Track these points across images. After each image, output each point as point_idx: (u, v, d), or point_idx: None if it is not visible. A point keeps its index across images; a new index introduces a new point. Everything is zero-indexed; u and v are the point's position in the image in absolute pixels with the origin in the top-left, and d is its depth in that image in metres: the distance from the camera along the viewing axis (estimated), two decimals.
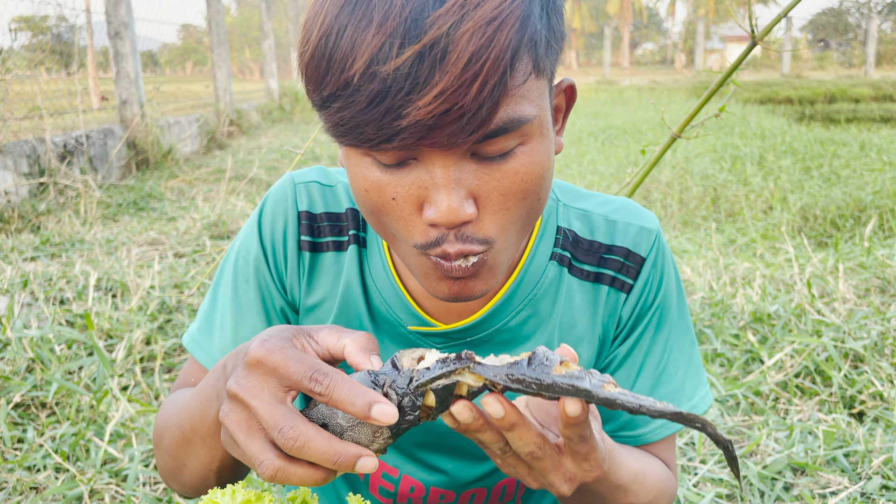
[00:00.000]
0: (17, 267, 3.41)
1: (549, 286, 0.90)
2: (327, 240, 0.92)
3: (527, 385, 0.61)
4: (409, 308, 0.89)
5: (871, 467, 1.89)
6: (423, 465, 0.99)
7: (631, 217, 0.93)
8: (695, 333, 2.67)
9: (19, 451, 2.10)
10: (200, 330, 0.95)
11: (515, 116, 0.65)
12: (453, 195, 0.66)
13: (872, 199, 5.34)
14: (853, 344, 2.42)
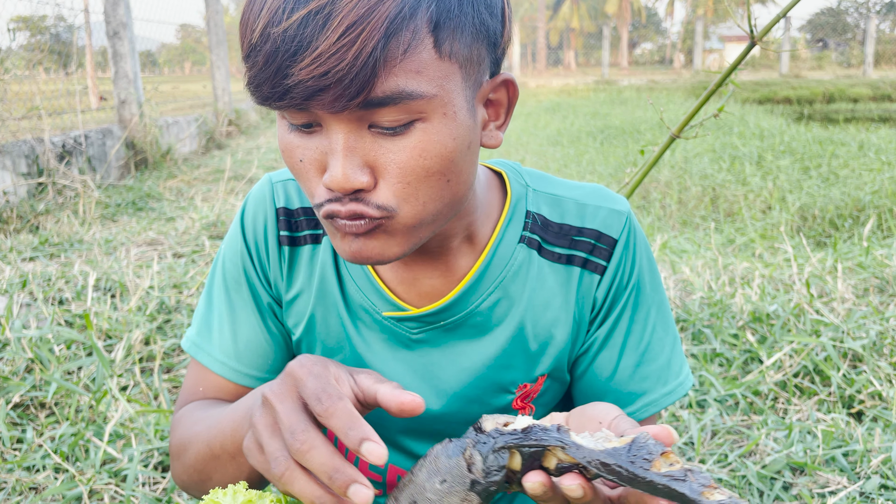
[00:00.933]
0: (15, 267, 3.40)
1: (518, 269, 0.91)
2: (305, 233, 0.95)
3: (620, 476, 0.59)
4: (383, 294, 0.91)
5: (870, 467, 1.90)
6: (409, 454, 1.00)
7: (601, 200, 0.94)
8: (694, 334, 2.68)
9: (18, 452, 2.10)
10: (200, 334, 0.98)
11: (404, 89, 0.67)
12: (346, 162, 0.70)
13: (871, 199, 5.35)
14: (852, 344, 2.42)
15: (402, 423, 0.98)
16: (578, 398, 0.99)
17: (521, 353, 0.94)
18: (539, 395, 0.97)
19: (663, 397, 0.94)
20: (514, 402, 0.97)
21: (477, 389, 0.95)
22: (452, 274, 0.91)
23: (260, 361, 0.97)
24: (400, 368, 0.94)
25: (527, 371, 0.95)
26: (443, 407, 0.95)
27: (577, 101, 16.33)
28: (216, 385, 0.97)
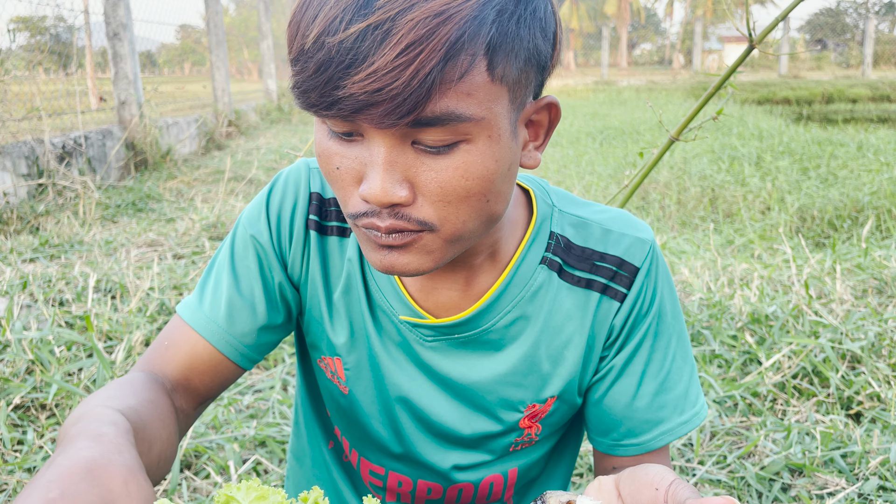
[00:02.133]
0: (16, 268, 3.41)
1: (537, 289, 0.92)
2: (333, 224, 0.94)
3: None
4: (403, 299, 0.91)
5: (869, 468, 1.90)
6: (411, 461, 1.00)
7: (626, 227, 0.94)
8: (693, 335, 2.69)
9: (19, 454, 2.10)
10: (192, 296, 0.96)
11: (454, 111, 0.67)
12: (386, 175, 0.69)
13: (870, 200, 5.36)
14: (850, 345, 2.43)
15: (418, 431, 0.98)
16: (594, 423, 0.99)
17: (532, 373, 0.94)
18: (547, 416, 0.98)
19: (679, 426, 0.95)
20: (522, 420, 0.97)
21: (485, 402, 0.96)
22: (472, 289, 0.91)
23: (245, 330, 0.93)
24: (411, 370, 0.95)
25: (536, 391, 0.95)
26: (451, 412, 0.96)
27: (576, 101, 16.34)
28: (186, 346, 0.92)
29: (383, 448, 1.01)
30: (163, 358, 0.91)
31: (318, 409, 1.09)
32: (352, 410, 1.00)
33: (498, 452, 1.01)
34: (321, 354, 0.99)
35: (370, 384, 0.97)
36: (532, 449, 1.03)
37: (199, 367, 0.92)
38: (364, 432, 1.01)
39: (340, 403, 1.01)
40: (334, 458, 1.09)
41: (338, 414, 1.04)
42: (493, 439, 0.99)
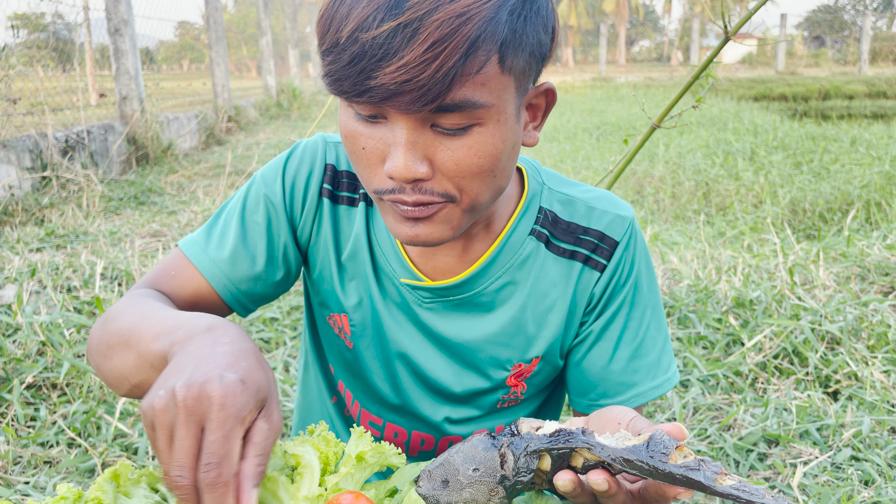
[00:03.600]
0: (23, 257, 3.50)
1: (526, 258, 1.01)
2: (344, 194, 1.04)
3: (642, 470, 0.66)
4: (404, 263, 1.01)
5: (842, 440, 2.00)
6: (408, 413, 1.10)
7: (608, 205, 1.03)
8: (679, 318, 2.78)
9: (32, 429, 2.20)
10: (198, 235, 1.04)
11: (470, 99, 0.76)
12: (408, 154, 0.78)
13: (860, 193, 5.45)
14: (830, 327, 2.53)
15: (414, 385, 1.08)
16: (573, 385, 1.08)
17: (519, 334, 1.03)
18: (532, 376, 1.07)
19: (651, 390, 1.04)
20: (509, 378, 1.07)
21: (476, 360, 1.05)
22: (467, 255, 1.01)
23: (243, 278, 1.01)
24: (410, 329, 1.05)
25: (522, 351, 1.04)
26: (445, 369, 1.06)
27: (574, 97, 16.43)
28: (191, 282, 1.00)
29: (382, 400, 1.11)
30: (170, 285, 1.00)
31: (323, 367, 1.19)
32: (356, 364, 1.10)
33: (486, 408, 1.10)
34: (330, 312, 1.09)
35: (373, 341, 1.07)
36: (517, 408, 1.12)
37: (200, 302, 1.01)
38: (366, 385, 1.11)
39: (346, 358, 1.11)
40: (337, 412, 1.19)
41: (342, 368, 1.13)
42: (482, 395, 1.08)
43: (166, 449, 0.66)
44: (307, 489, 0.73)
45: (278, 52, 14.70)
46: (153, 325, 0.81)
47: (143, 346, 0.80)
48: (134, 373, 0.83)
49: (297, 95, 13.23)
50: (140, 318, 0.84)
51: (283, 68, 17.05)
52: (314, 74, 20.32)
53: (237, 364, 0.69)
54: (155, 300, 0.92)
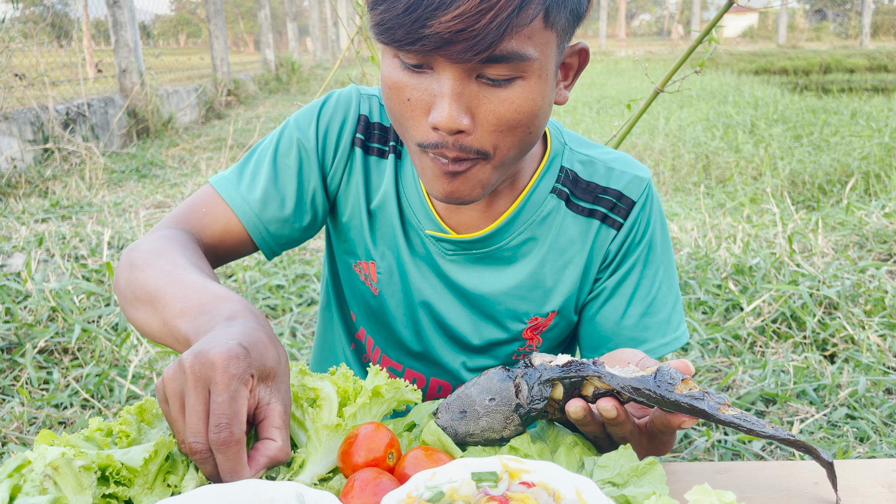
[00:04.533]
0: (30, 227, 3.53)
1: (547, 215, 1.05)
2: (375, 146, 1.07)
3: (650, 398, 0.70)
4: (430, 215, 1.04)
5: (838, 399, 2.05)
6: (427, 360, 1.14)
7: (627, 166, 1.07)
8: (680, 285, 2.82)
9: (46, 391, 2.25)
10: (230, 173, 1.06)
11: (518, 51, 0.79)
12: (454, 105, 0.80)
13: (859, 165, 5.47)
14: (827, 291, 2.57)
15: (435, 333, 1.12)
16: (586, 340, 1.12)
17: (537, 288, 1.07)
18: (548, 330, 1.11)
19: (661, 347, 1.07)
20: (525, 331, 1.10)
21: (494, 312, 1.09)
22: (491, 210, 1.04)
23: (274, 219, 1.03)
24: (433, 280, 1.08)
25: (539, 305, 1.08)
26: (465, 319, 1.09)
27: None
28: (222, 219, 1.02)
29: (403, 347, 1.15)
30: (200, 223, 1.03)
31: (343, 315, 1.23)
32: (380, 311, 1.14)
33: (501, 359, 1.14)
34: (357, 259, 1.12)
35: (397, 289, 1.11)
36: None
37: (229, 240, 1.04)
38: (389, 331, 1.15)
39: (370, 304, 1.15)
40: (355, 358, 1.23)
41: (365, 315, 1.17)
42: (499, 346, 1.12)
43: (179, 417, 0.69)
44: (327, 417, 0.76)
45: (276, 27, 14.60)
46: (179, 295, 0.83)
47: (167, 317, 0.82)
48: (159, 336, 0.87)
49: (296, 69, 13.17)
50: (167, 282, 0.86)
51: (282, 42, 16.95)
52: (312, 49, 20.17)
53: (244, 336, 0.72)
54: (182, 251, 0.93)
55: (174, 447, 0.71)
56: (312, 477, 0.73)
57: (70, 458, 0.63)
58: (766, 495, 0.76)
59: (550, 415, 0.76)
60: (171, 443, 0.71)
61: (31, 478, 0.62)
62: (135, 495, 0.67)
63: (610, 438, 0.78)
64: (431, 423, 0.78)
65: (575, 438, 0.78)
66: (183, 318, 0.80)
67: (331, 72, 2.57)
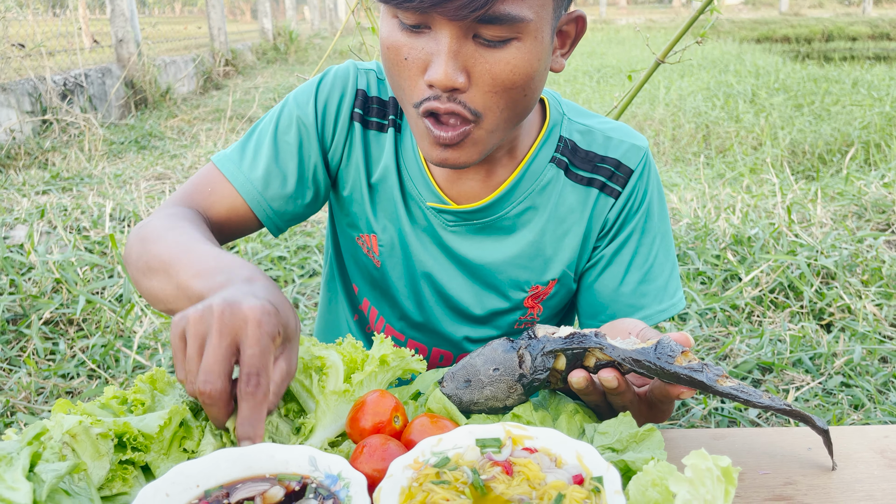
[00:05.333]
0: (31, 199, 3.54)
1: (546, 184, 1.06)
2: (373, 119, 1.08)
3: (650, 370, 0.71)
4: (431, 187, 1.06)
5: (834, 367, 2.08)
6: (431, 332, 1.16)
7: (625, 136, 1.08)
8: (679, 256, 2.84)
9: (52, 362, 2.27)
10: (232, 152, 1.08)
11: (514, 13, 0.80)
12: (450, 63, 0.82)
13: (859, 134, 5.46)
14: (825, 261, 2.59)
15: (437, 304, 1.14)
16: (585, 307, 1.13)
17: (537, 257, 1.08)
18: (548, 298, 1.13)
19: (658, 313, 1.09)
20: (526, 300, 1.12)
21: (496, 281, 1.10)
22: (491, 180, 1.05)
23: (277, 196, 1.05)
24: (435, 251, 1.10)
25: (539, 274, 1.10)
26: (467, 290, 1.11)
27: None
28: (227, 199, 1.05)
29: (406, 317, 1.17)
30: (206, 202, 1.05)
31: (346, 287, 1.25)
32: (383, 282, 1.16)
33: (503, 328, 1.16)
34: (359, 233, 1.14)
35: (399, 261, 1.12)
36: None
37: (235, 219, 1.06)
38: (392, 302, 1.17)
39: (374, 276, 1.17)
40: (359, 329, 1.25)
41: (369, 287, 1.19)
42: (500, 316, 1.14)
43: (195, 357, 0.68)
44: (334, 384, 0.79)
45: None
46: (194, 261, 0.84)
47: (182, 280, 0.83)
48: (171, 300, 0.87)
49: (294, 39, 13.04)
50: (182, 251, 0.87)
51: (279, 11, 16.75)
52: (310, 18, 19.94)
53: (272, 296, 0.74)
54: (193, 226, 0.95)
55: (188, 414, 0.74)
56: (322, 441, 0.76)
57: (87, 425, 0.66)
58: (762, 461, 0.79)
59: (553, 385, 0.79)
60: (184, 410, 0.73)
61: (49, 445, 0.64)
62: (151, 461, 0.70)
63: (610, 406, 0.80)
64: (437, 392, 0.80)
65: (576, 406, 0.80)
66: (199, 279, 0.81)
67: (331, 42, 2.56)
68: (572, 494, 0.61)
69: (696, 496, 0.53)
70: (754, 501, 0.71)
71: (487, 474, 0.65)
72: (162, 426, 0.70)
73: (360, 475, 0.66)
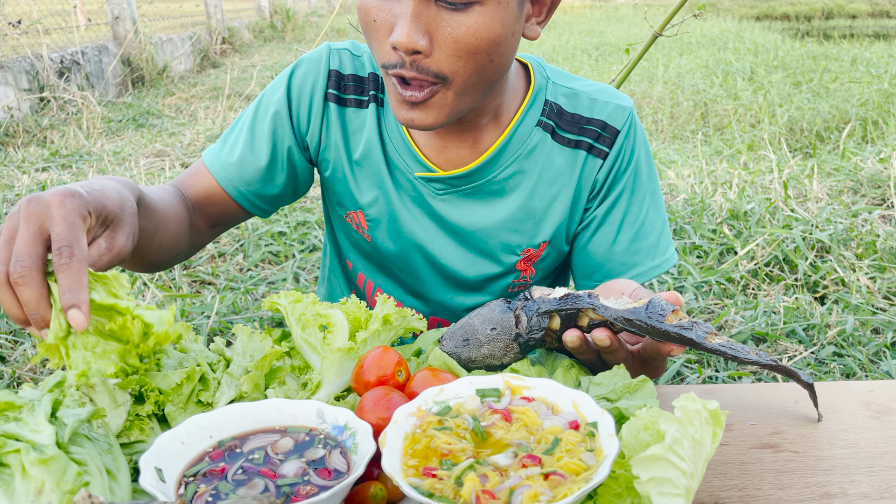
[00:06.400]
0: (31, 176, 3.55)
1: (533, 148, 1.08)
2: (350, 97, 1.11)
3: (641, 328, 0.74)
4: (416, 157, 1.08)
5: (826, 338, 2.12)
6: (429, 300, 1.19)
7: (610, 97, 1.10)
8: (675, 230, 2.87)
9: None
10: (217, 144, 1.15)
11: None
12: (412, 25, 0.85)
13: (857, 111, 5.47)
14: (820, 235, 2.62)
15: (430, 273, 1.16)
16: (579, 268, 1.16)
17: (528, 220, 1.11)
18: (540, 260, 1.15)
19: (651, 270, 1.11)
20: (519, 263, 1.15)
21: (487, 247, 1.13)
22: (477, 146, 1.07)
23: (252, 179, 1.11)
24: (425, 221, 1.12)
25: (531, 236, 1.12)
26: (459, 258, 1.14)
27: (572, 18, 16.10)
28: (203, 181, 1.12)
29: (401, 288, 1.20)
30: (188, 182, 1.12)
31: (342, 264, 1.28)
32: (376, 255, 1.18)
33: (497, 294, 1.19)
34: (347, 210, 1.16)
35: (389, 234, 1.14)
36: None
37: (213, 199, 1.12)
38: (386, 274, 1.20)
39: (366, 250, 1.19)
40: None
41: (363, 261, 1.22)
42: (493, 281, 1.17)
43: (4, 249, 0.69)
44: (339, 342, 0.82)
45: None
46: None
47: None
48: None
49: (291, 17, 12.95)
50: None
51: None
52: None
53: (85, 184, 0.76)
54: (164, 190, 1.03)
55: (203, 372, 0.77)
56: (328, 396, 0.79)
57: (105, 377, 0.69)
58: (749, 412, 0.82)
59: (548, 344, 0.82)
60: (201, 370, 0.76)
61: (69, 393, 0.67)
62: (169, 412, 0.73)
63: (604, 364, 0.83)
64: (437, 349, 0.83)
65: (571, 362, 0.83)
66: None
67: (327, 20, 2.56)
68: (568, 438, 0.64)
69: (685, 435, 0.56)
70: (743, 449, 0.75)
71: (487, 421, 0.68)
72: (179, 384, 0.73)
73: (366, 424, 0.69)
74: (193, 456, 0.67)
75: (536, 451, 0.63)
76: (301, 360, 0.84)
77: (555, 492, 0.57)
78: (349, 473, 0.65)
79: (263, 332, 0.86)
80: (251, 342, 0.84)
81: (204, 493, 0.63)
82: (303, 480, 0.65)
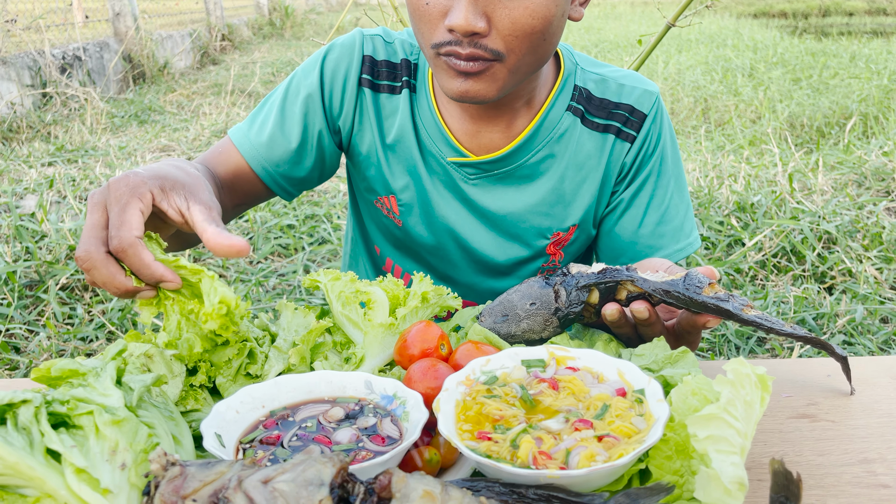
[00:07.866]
0: (38, 170, 3.56)
1: (564, 132, 1.10)
2: (384, 83, 1.12)
3: (679, 300, 0.76)
4: (449, 142, 1.09)
5: (836, 327, 2.14)
6: (460, 285, 1.20)
7: (637, 82, 1.12)
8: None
9: (71, 325, 2.31)
10: (244, 122, 1.15)
11: None
12: (470, 8, 0.86)
13: (858, 107, 5.50)
14: (827, 226, 2.64)
15: (461, 258, 1.18)
16: (605, 252, 1.18)
17: (558, 203, 1.12)
18: (569, 244, 1.17)
19: (676, 252, 1.13)
20: (549, 246, 1.16)
21: (518, 231, 1.14)
22: (510, 130, 1.09)
23: (280, 160, 1.11)
24: (456, 206, 1.13)
25: (561, 220, 1.14)
26: (490, 242, 1.15)
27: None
28: (232, 160, 1.12)
29: (432, 272, 1.21)
30: (216, 161, 1.12)
31: (369, 250, 1.29)
32: (406, 240, 1.19)
33: (526, 278, 1.21)
34: (377, 196, 1.18)
35: (421, 218, 1.16)
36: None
37: (241, 177, 1.12)
38: (416, 259, 1.21)
39: (396, 236, 1.20)
40: None
41: (391, 246, 1.23)
42: (523, 265, 1.18)
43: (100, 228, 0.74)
44: (381, 317, 0.83)
45: None
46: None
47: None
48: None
49: (290, 14, 12.95)
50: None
51: None
52: None
53: (144, 167, 0.79)
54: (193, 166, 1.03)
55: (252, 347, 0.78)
56: (372, 369, 0.80)
57: (162, 348, 0.70)
58: (783, 386, 0.83)
59: (587, 318, 0.83)
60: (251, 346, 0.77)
61: (131, 361, 0.68)
62: (220, 384, 0.74)
63: (640, 338, 0.84)
64: (476, 325, 0.84)
65: (610, 336, 0.85)
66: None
67: (326, 17, 2.57)
68: (617, 404, 0.66)
69: (738, 396, 0.58)
70: (780, 419, 0.76)
71: (535, 390, 0.70)
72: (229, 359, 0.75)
73: (415, 392, 0.71)
74: (248, 424, 0.69)
75: (587, 416, 0.65)
76: (343, 336, 0.86)
77: (609, 452, 0.59)
78: (402, 439, 0.66)
79: (305, 307, 0.87)
80: (295, 318, 0.85)
81: (262, 458, 0.64)
82: (357, 447, 0.66)
